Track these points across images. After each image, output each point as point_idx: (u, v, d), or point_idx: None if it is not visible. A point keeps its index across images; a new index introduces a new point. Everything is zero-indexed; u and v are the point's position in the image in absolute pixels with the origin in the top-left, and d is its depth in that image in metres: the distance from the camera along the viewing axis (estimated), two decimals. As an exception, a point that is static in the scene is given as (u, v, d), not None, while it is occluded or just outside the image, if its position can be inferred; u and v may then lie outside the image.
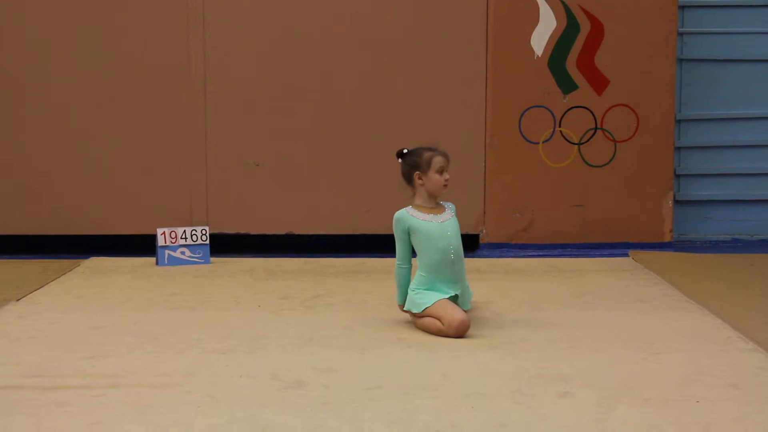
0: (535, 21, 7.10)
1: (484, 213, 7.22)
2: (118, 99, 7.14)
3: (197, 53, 7.12)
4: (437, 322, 4.74)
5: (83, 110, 7.13)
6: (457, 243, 4.88)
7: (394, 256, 4.96)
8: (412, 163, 4.92)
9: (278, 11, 7.13)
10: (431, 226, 4.84)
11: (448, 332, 4.70)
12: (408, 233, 4.88)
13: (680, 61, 7.47)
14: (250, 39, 7.14)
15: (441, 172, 4.86)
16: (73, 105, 7.13)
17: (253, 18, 7.13)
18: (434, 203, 4.93)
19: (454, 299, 4.86)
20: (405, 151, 4.98)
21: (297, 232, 7.28)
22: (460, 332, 4.68)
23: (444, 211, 4.93)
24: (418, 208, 4.90)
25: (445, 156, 4.90)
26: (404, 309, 4.95)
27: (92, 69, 7.11)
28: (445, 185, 4.89)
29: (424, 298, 4.82)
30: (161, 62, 7.12)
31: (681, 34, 7.47)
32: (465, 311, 4.83)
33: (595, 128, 7.19)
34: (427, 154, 4.89)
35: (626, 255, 6.99)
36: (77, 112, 7.13)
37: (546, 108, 7.16)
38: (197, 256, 6.72)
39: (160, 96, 7.14)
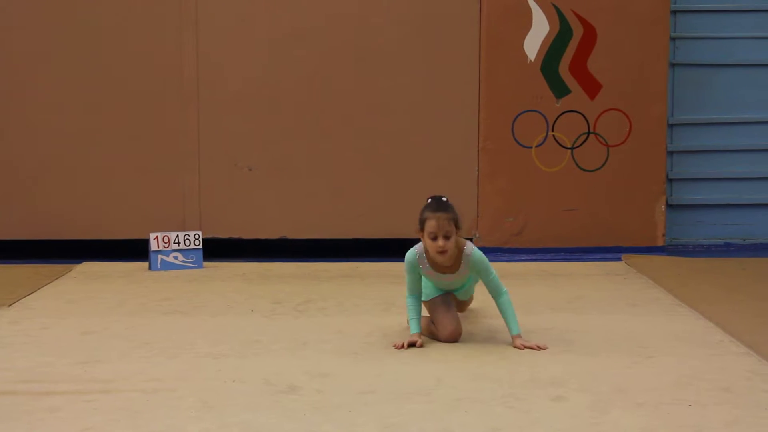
0: (527, 25, 7.11)
1: (477, 217, 7.22)
2: (110, 103, 7.13)
3: (190, 57, 7.12)
4: (431, 325, 4.76)
5: (75, 114, 7.12)
6: (462, 293, 4.83)
7: (387, 261, 4.94)
8: (418, 217, 4.57)
9: (271, 15, 7.13)
10: (435, 281, 4.70)
11: (439, 337, 4.71)
12: (416, 271, 4.64)
13: (673, 65, 7.48)
14: (243, 43, 7.14)
15: (434, 238, 4.48)
16: (65, 109, 7.12)
17: (246, 21, 7.13)
18: (445, 263, 4.60)
19: (446, 295, 4.82)
20: (429, 200, 4.59)
21: (290, 236, 7.27)
22: (449, 340, 4.69)
23: (457, 270, 4.61)
24: (430, 260, 4.61)
25: (445, 219, 4.46)
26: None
27: (84, 72, 7.10)
28: (440, 252, 4.49)
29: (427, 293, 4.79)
30: (154, 66, 7.12)
31: (673, 39, 7.48)
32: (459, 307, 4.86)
33: (588, 133, 7.20)
34: (424, 214, 4.53)
35: (619, 259, 7.00)
36: (69, 115, 7.12)
37: (539, 112, 7.17)
38: (190, 260, 6.71)
39: (152, 100, 7.13)
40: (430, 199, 4.58)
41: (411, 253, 4.64)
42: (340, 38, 7.15)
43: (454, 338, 4.68)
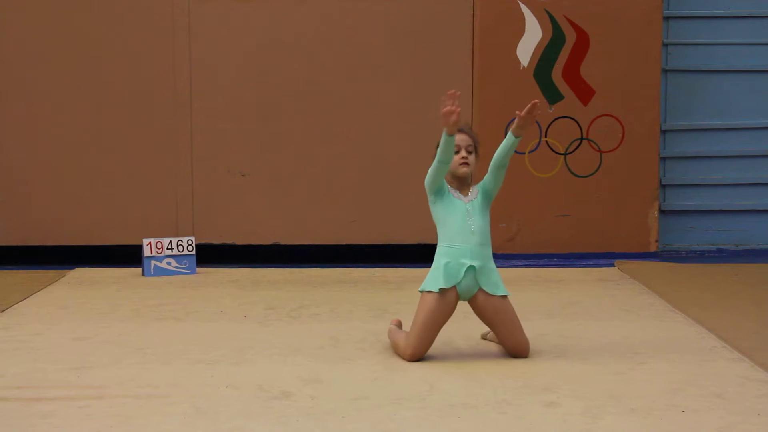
0: (521, 32, 7.12)
1: (471, 223, 7.22)
2: (104, 109, 7.12)
3: (183, 63, 7.12)
4: (401, 341, 4.60)
5: (69, 120, 7.11)
6: (480, 219, 4.62)
7: (380, 266, 4.89)
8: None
9: (264, 22, 7.13)
10: (455, 201, 4.62)
11: (399, 351, 4.59)
12: (440, 190, 4.61)
13: (665, 71, 7.50)
14: (235, 50, 7.14)
15: (457, 150, 4.61)
16: (58, 115, 7.11)
17: (238, 28, 7.14)
18: (461, 185, 4.68)
19: (470, 273, 4.56)
20: None
21: (283, 242, 7.27)
22: (408, 360, 4.52)
23: (471, 192, 4.69)
24: (450, 183, 4.69)
25: (467, 136, 4.64)
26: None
27: (77, 79, 7.09)
28: (462, 163, 4.62)
29: (432, 279, 4.58)
30: (147, 72, 7.12)
31: (666, 45, 7.50)
32: (496, 295, 4.55)
33: (581, 138, 7.21)
34: None
35: (612, 265, 7.01)
36: (62, 122, 7.11)
37: (532, 118, 7.17)
38: (183, 266, 6.71)
39: (145, 106, 7.13)
40: None
41: None
42: (333, 45, 7.15)
43: (413, 360, 4.51)
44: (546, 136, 7.19)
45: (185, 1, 7.08)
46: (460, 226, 4.60)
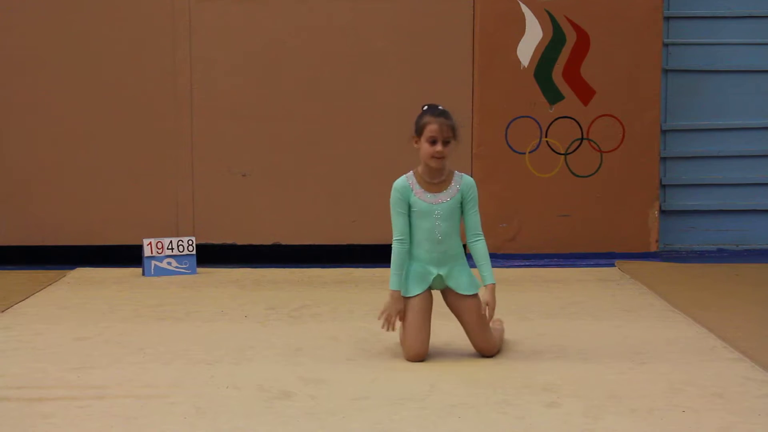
0: (521, 32, 7.12)
1: (471, 223, 7.22)
2: (104, 109, 7.12)
3: (184, 63, 7.12)
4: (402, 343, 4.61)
5: (69, 120, 7.11)
6: (447, 225, 4.46)
7: (381, 266, 4.91)
8: (414, 124, 4.46)
9: (265, 21, 7.13)
10: (422, 205, 4.47)
11: (403, 352, 4.59)
12: (408, 205, 4.49)
13: (666, 71, 7.50)
14: (236, 49, 7.14)
15: (433, 142, 4.38)
16: (58, 115, 7.11)
17: (239, 28, 7.13)
18: (437, 176, 4.48)
19: (438, 279, 4.55)
20: (425, 107, 4.49)
21: (284, 242, 7.27)
22: (411, 360, 4.52)
23: (447, 188, 4.49)
24: (419, 178, 4.49)
25: (446, 125, 4.40)
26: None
27: (77, 79, 7.09)
28: (436, 157, 4.39)
29: (409, 284, 4.55)
30: (148, 71, 7.12)
31: (666, 45, 7.50)
32: (464, 294, 4.53)
33: (582, 138, 7.21)
34: (424, 119, 4.43)
35: (612, 265, 7.01)
36: (63, 121, 7.11)
37: (532, 118, 7.18)
38: (184, 266, 6.71)
39: (146, 106, 7.13)
40: (426, 107, 4.48)
41: (399, 180, 4.51)
42: (334, 44, 7.15)
43: (417, 360, 4.52)
44: (546, 136, 7.19)
45: (185, 0, 7.07)
46: (427, 234, 4.51)
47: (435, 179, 4.53)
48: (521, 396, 3.98)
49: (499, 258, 7.17)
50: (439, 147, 4.41)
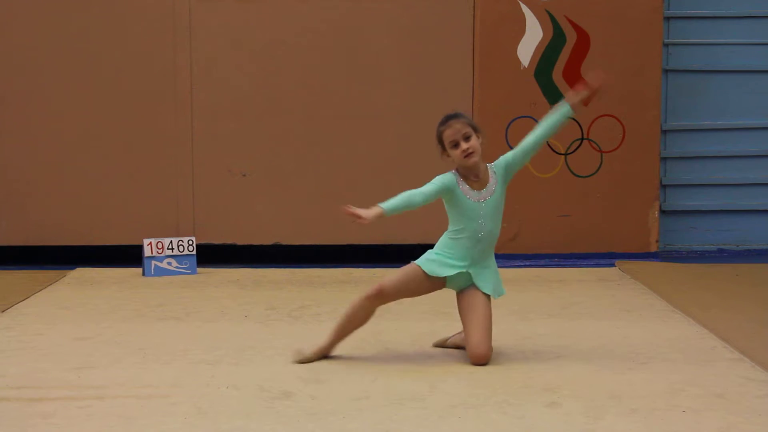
0: (521, 32, 7.12)
1: (471, 223, 7.22)
2: (104, 109, 7.12)
3: (184, 63, 7.12)
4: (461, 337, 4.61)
5: (69, 120, 7.11)
6: (492, 225, 4.54)
7: (381, 266, 4.90)
8: (437, 142, 4.55)
9: (265, 22, 7.13)
10: (469, 203, 4.50)
11: (468, 353, 4.50)
12: (447, 193, 4.50)
13: (666, 71, 7.50)
14: (236, 49, 7.14)
15: (455, 145, 4.48)
16: (58, 115, 7.11)
17: (239, 28, 7.14)
18: (475, 174, 4.53)
19: (463, 276, 4.56)
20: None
21: (284, 242, 7.27)
22: (476, 363, 4.45)
23: (488, 183, 4.55)
24: (464, 177, 4.54)
25: (459, 123, 4.49)
26: (416, 262, 4.57)
27: (77, 79, 7.10)
28: (466, 155, 4.47)
29: (428, 260, 4.58)
30: (148, 72, 7.12)
31: (666, 45, 7.50)
32: (482, 291, 4.54)
33: (582, 139, 7.21)
34: (439, 130, 4.53)
35: (613, 265, 7.01)
36: (63, 122, 7.11)
37: (532, 118, 7.17)
38: (184, 266, 6.71)
39: (146, 106, 7.13)
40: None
41: (448, 175, 4.54)
42: (334, 44, 7.15)
43: (482, 363, 4.45)
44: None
45: (185, 0, 7.07)
46: (470, 231, 4.54)
47: (475, 176, 4.56)
48: (521, 396, 3.98)
49: (499, 258, 7.08)
50: (463, 145, 4.49)
